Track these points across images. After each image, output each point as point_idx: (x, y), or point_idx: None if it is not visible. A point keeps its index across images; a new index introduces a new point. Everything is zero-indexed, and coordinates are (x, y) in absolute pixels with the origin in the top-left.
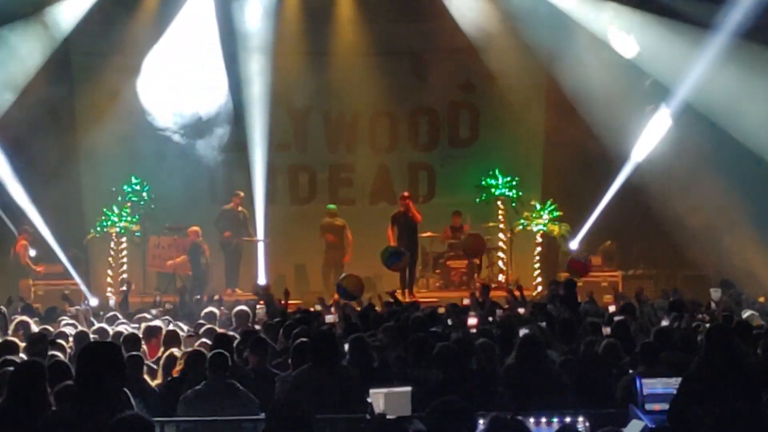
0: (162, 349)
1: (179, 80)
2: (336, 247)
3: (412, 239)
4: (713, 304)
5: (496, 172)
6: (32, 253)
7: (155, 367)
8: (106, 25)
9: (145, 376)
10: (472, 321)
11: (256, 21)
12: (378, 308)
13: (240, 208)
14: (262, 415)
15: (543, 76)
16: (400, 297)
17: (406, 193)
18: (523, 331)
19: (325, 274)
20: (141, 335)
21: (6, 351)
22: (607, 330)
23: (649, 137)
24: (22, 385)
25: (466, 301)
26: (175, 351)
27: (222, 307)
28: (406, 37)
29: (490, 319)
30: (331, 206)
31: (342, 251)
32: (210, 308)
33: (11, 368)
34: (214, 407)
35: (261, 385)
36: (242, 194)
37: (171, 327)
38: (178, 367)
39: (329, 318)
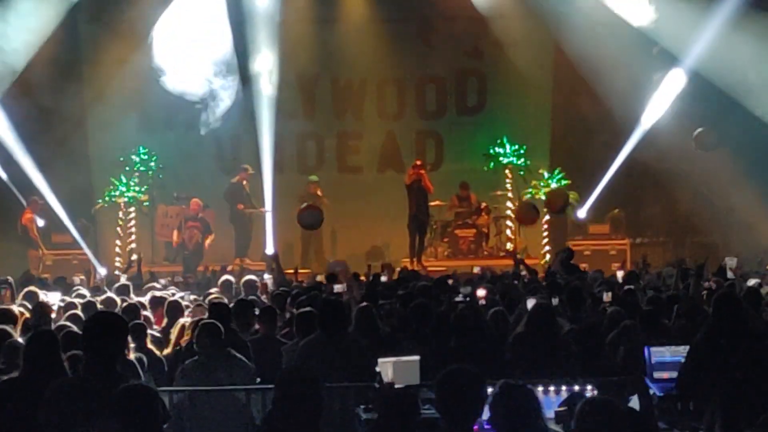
0: (165, 319)
1: (187, 49)
2: None
3: (424, 208)
4: (729, 272)
5: (504, 140)
6: (41, 223)
7: (160, 336)
8: None
9: (151, 346)
10: (482, 292)
11: None
12: (384, 278)
13: (245, 182)
14: (259, 383)
15: (551, 43)
16: (408, 266)
17: (418, 162)
18: (530, 301)
19: (305, 245)
20: (148, 305)
21: (3, 320)
22: (608, 296)
23: (657, 105)
24: (38, 355)
25: (476, 270)
26: (186, 321)
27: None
28: (414, 4)
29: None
30: (314, 177)
31: None
32: (226, 276)
33: (14, 340)
34: (211, 376)
35: (268, 354)
36: (251, 170)
37: (175, 297)
38: (186, 337)
39: (338, 287)
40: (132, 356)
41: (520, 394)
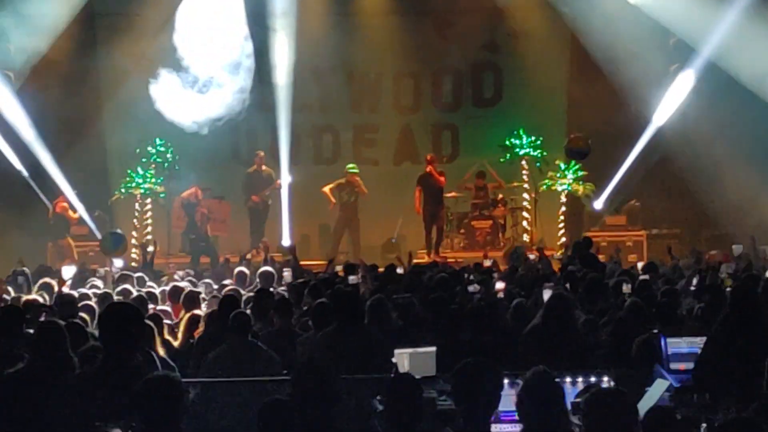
0: (183, 311)
1: (203, 42)
2: (350, 207)
3: (437, 201)
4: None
5: (521, 132)
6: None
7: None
8: None
9: (168, 337)
10: (499, 285)
11: None
12: (400, 269)
13: (263, 167)
14: (286, 375)
15: (567, 35)
16: (425, 258)
17: (428, 157)
18: (546, 292)
19: (337, 234)
20: (167, 296)
21: (28, 311)
22: (627, 288)
23: (674, 97)
24: (44, 347)
25: (487, 263)
26: (198, 311)
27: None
28: None
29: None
30: (352, 166)
31: (355, 210)
32: (240, 268)
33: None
34: (236, 368)
35: (284, 345)
36: (262, 153)
37: (191, 288)
38: (200, 328)
39: (352, 279)
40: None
41: (549, 383)
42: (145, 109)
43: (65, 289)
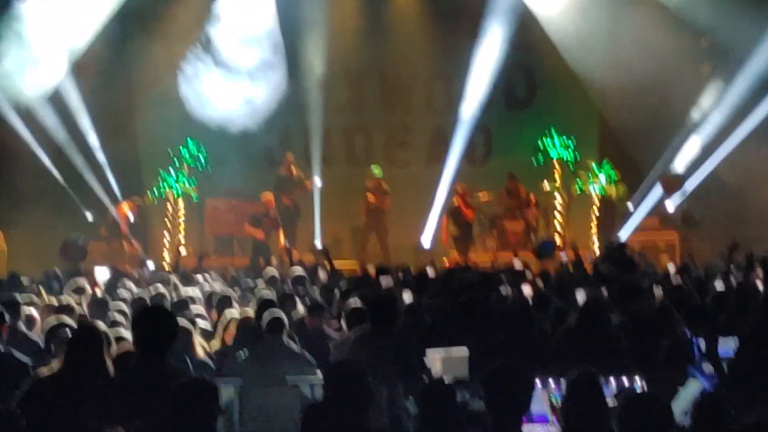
0: (215, 313)
1: (234, 42)
2: (379, 211)
3: (467, 236)
4: None
5: (553, 133)
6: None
7: (211, 330)
8: None
9: (203, 340)
10: (527, 290)
11: None
12: (431, 272)
13: (293, 169)
14: (320, 376)
15: (602, 36)
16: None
17: (458, 188)
18: (580, 294)
19: (364, 238)
20: (203, 299)
21: (62, 313)
22: (659, 291)
23: (707, 99)
24: (79, 352)
25: (518, 263)
26: (233, 315)
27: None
28: None
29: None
30: (376, 170)
31: (383, 215)
32: (271, 271)
33: (67, 330)
34: (271, 370)
35: (316, 347)
36: (291, 155)
37: (224, 291)
38: (234, 331)
39: (385, 281)
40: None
41: (594, 383)
42: (177, 109)
43: (98, 292)
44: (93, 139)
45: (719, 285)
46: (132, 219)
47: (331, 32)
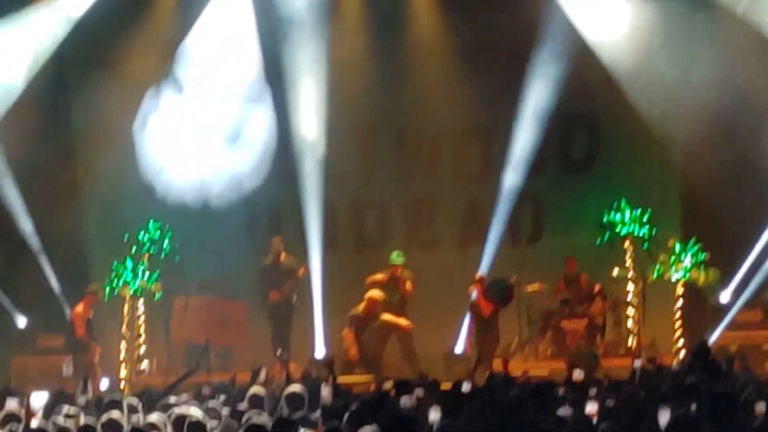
0: None
1: (208, 95)
2: (396, 310)
3: (489, 332)
4: None
5: (622, 203)
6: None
7: None
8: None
9: None
10: (592, 408)
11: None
12: (467, 386)
13: (283, 257)
14: None
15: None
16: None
17: (477, 278)
18: (663, 413)
19: (379, 346)
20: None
21: None
22: (762, 407)
23: None
24: None
25: (577, 375)
26: None
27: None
28: (501, 29)
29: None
30: (397, 257)
31: (403, 313)
32: (255, 390)
33: None
34: None
35: None
36: (279, 240)
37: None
38: None
39: (405, 401)
40: None
41: None
42: (134, 179)
43: (35, 422)
44: (24, 221)
45: None
46: (90, 315)
47: (333, 77)
